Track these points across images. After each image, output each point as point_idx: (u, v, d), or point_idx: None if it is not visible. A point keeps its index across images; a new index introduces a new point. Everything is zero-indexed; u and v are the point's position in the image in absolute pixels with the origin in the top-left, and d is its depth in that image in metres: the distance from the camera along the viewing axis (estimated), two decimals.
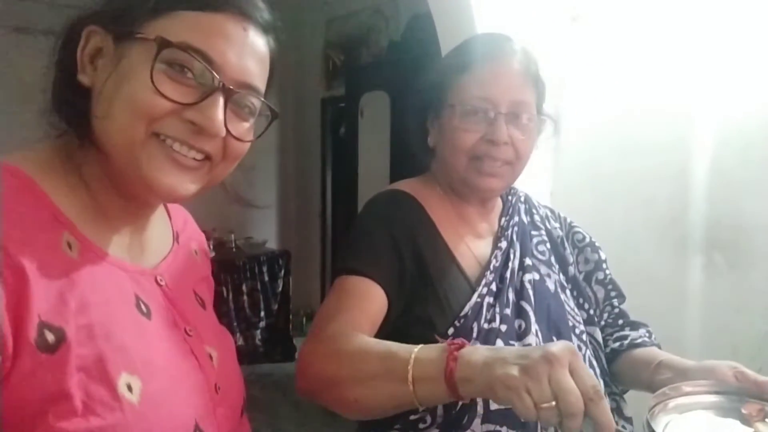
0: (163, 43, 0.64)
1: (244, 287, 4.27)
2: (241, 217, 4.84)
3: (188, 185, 0.69)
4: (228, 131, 0.68)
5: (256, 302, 4.33)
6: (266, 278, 4.40)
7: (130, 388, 0.62)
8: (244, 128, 0.72)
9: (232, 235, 4.48)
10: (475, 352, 0.72)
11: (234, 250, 4.45)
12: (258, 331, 4.31)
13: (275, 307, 4.43)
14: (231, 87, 0.67)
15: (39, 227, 0.62)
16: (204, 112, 0.66)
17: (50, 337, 0.58)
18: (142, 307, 0.69)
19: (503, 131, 0.99)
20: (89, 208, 0.69)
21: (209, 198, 0.86)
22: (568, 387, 0.63)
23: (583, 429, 0.64)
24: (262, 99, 0.73)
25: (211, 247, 4.25)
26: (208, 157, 0.69)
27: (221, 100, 0.67)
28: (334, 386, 0.82)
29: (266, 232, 4.91)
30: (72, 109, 0.68)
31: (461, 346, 0.73)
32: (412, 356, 0.74)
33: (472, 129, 0.99)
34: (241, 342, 4.16)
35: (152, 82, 0.63)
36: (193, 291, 0.83)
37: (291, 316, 4.58)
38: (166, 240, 0.82)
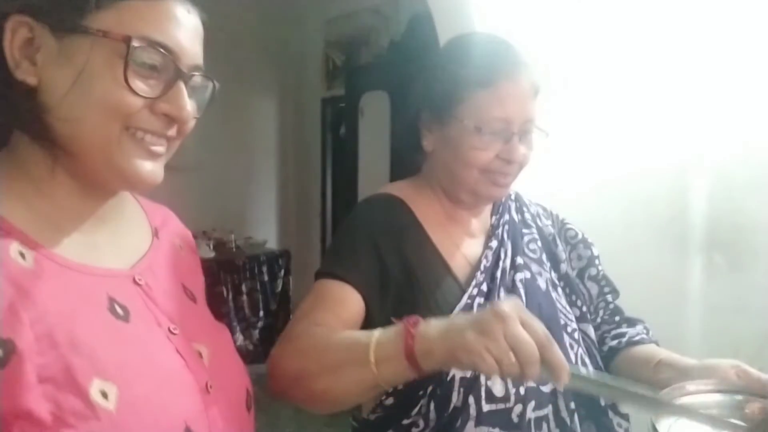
0: (133, 42, 0.63)
1: (243, 287, 4.27)
2: (241, 217, 4.84)
3: (160, 170, 0.70)
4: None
5: (255, 302, 4.33)
6: (266, 278, 4.39)
7: (105, 395, 0.59)
8: (195, 106, 0.73)
9: (232, 235, 4.48)
10: (430, 326, 0.76)
11: (234, 250, 4.45)
12: (257, 331, 4.31)
13: (274, 307, 4.43)
14: (187, 72, 0.68)
15: None
16: (174, 103, 0.67)
17: None
18: (118, 309, 0.67)
19: (519, 151, 1.00)
20: (44, 214, 0.66)
21: (209, 198, 0.86)
22: (522, 338, 0.69)
23: (542, 374, 0.70)
24: (207, 75, 0.73)
25: (211, 246, 4.25)
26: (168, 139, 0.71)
27: (184, 87, 0.68)
28: (303, 380, 0.83)
29: (266, 232, 4.91)
30: (14, 109, 0.65)
31: (416, 323, 0.76)
32: (373, 339, 0.77)
33: (488, 148, 0.99)
34: (240, 342, 4.16)
35: (126, 82, 0.63)
36: (182, 285, 0.81)
37: (291, 316, 4.57)
38: (144, 238, 0.80)
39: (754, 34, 1.66)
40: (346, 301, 0.93)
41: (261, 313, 4.35)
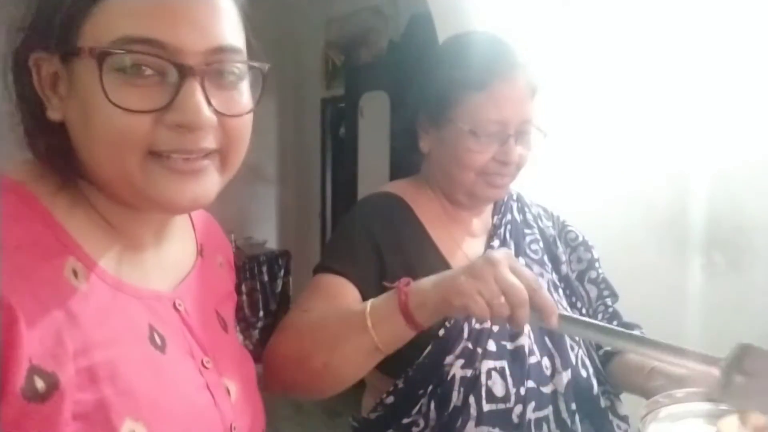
0: (101, 54, 0.53)
1: (243, 287, 4.27)
2: (241, 217, 4.84)
3: (209, 188, 0.60)
4: (220, 113, 0.57)
5: (255, 302, 4.33)
6: (266, 278, 4.39)
7: None
8: (236, 99, 0.60)
9: (232, 235, 4.47)
10: (422, 281, 0.78)
11: (234, 250, 4.44)
12: (257, 331, 4.31)
13: (274, 307, 4.43)
14: (194, 65, 0.55)
15: (39, 253, 0.54)
16: (184, 109, 0.55)
17: (40, 384, 0.50)
18: (156, 339, 0.62)
19: (515, 152, 1.00)
20: (98, 226, 0.61)
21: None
22: (512, 281, 0.72)
23: (532, 318, 0.73)
24: (246, 60, 0.60)
25: None
26: (213, 151, 0.60)
27: (196, 85, 0.55)
28: (300, 361, 0.83)
29: (266, 232, 4.91)
30: (48, 149, 0.58)
31: (408, 282, 0.78)
32: (368, 305, 0.79)
33: (484, 150, 0.99)
34: (240, 342, 4.15)
35: (110, 99, 0.53)
36: (216, 312, 0.77)
37: None
38: (189, 255, 0.74)
39: (753, 34, 1.65)
40: (343, 294, 0.93)
41: (261, 313, 4.35)
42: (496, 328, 0.97)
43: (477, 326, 0.96)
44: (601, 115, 1.85)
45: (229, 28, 0.58)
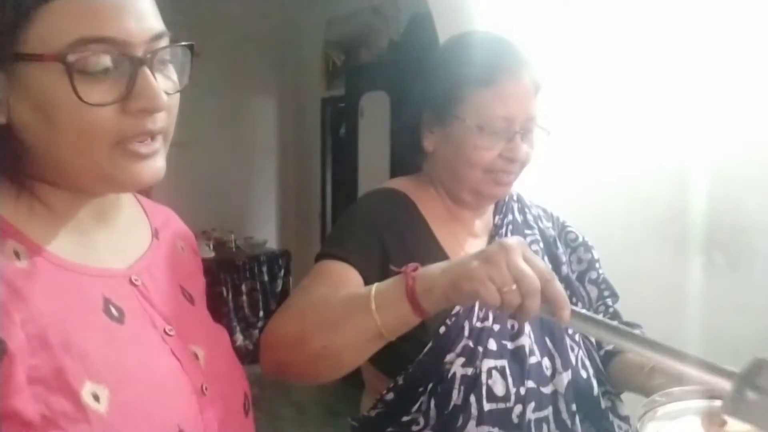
0: (68, 57, 0.57)
1: (243, 287, 4.27)
2: (241, 217, 4.84)
3: (162, 165, 0.66)
4: (166, 93, 0.63)
5: (255, 302, 4.34)
6: (266, 278, 4.40)
7: (96, 398, 0.58)
8: (171, 79, 0.66)
9: (232, 235, 4.48)
10: (430, 267, 0.76)
11: (234, 250, 4.45)
12: (257, 331, 4.31)
13: (274, 307, 4.43)
14: (142, 55, 0.60)
15: None
16: (145, 96, 0.60)
17: None
18: (113, 311, 0.66)
19: (522, 149, 1.00)
20: (40, 213, 0.65)
21: (209, 198, 0.85)
22: (525, 269, 0.69)
23: (540, 309, 0.70)
24: (173, 42, 0.66)
25: (211, 247, 4.25)
26: (162, 130, 0.66)
27: (148, 72, 0.60)
28: (300, 341, 0.81)
29: (266, 232, 4.91)
30: None
31: (416, 267, 0.76)
32: (373, 288, 0.77)
33: (491, 147, 1.00)
34: (240, 342, 4.16)
35: (82, 99, 0.57)
36: (180, 286, 0.80)
37: None
38: (143, 238, 0.78)
39: (753, 33, 1.65)
40: (347, 279, 0.92)
41: (261, 313, 4.36)
42: (497, 327, 0.97)
43: (478, 325, 0.96)
44: (601, 115, 1.85)
45: (156, 15, 0.64)
